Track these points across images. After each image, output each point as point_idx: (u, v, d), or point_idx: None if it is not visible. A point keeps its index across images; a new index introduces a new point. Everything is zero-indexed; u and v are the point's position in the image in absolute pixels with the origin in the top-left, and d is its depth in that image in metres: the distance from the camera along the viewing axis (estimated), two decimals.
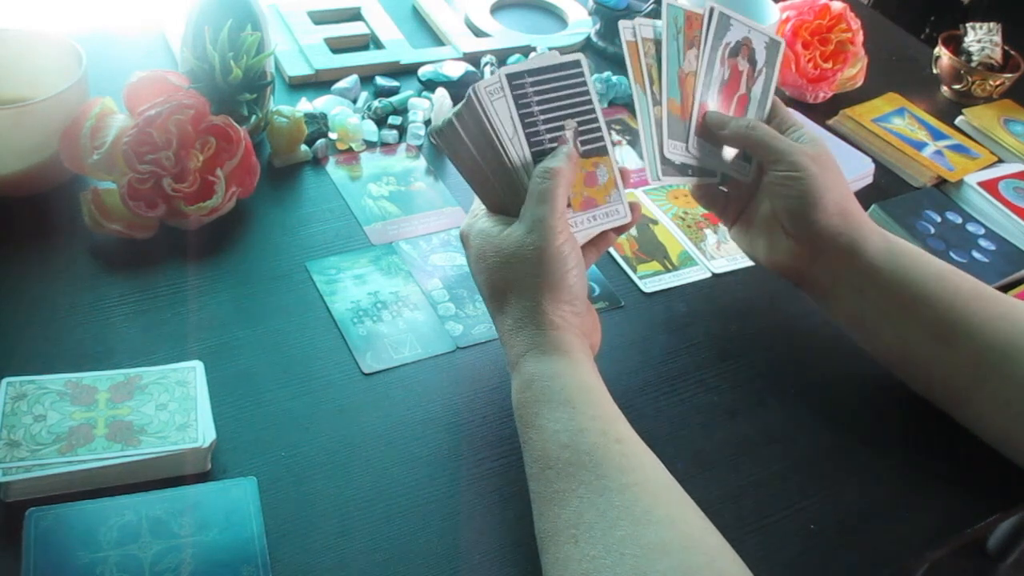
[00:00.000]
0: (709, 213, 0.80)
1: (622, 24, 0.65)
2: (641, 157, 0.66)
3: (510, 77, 0.59)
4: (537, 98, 0.60)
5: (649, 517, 0.47)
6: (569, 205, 0.60)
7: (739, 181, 0.70)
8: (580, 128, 0.62)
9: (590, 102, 0.62)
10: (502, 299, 0.58)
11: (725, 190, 0.72)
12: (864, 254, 0.64)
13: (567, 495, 0.49)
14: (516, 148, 0.59)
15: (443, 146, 0.61)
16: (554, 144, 0.60)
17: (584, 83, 0.62)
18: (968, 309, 0.62)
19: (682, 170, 0.68)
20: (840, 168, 0.66)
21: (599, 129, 0.63)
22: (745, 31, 0.69)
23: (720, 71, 0.68)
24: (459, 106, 0.59)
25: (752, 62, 0.69)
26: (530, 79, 0.60)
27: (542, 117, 0.60)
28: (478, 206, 0.63)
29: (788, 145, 0.65)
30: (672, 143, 0.67)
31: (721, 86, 0.69)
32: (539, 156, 0.60)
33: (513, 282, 0.57)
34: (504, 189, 0.60)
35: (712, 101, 0.68)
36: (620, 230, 0.64)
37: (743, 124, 0.67)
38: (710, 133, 0.68)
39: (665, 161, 0.67)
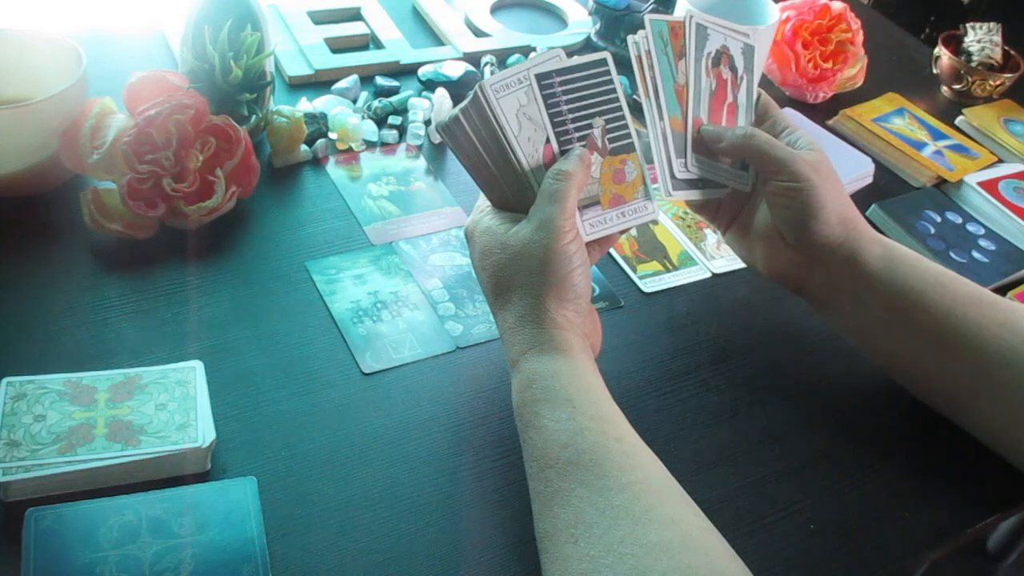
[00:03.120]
0: None
1: (631, 40, 0.64)
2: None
3: (539, 76, 0.60)
4: (565, 97, 0.61)
5: (649, 517, 0.47)
6: (598, 203, 0.61)
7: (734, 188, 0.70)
8: (608, 126, 0.62)
9: (617, 100, 0.62)
10: (505, 296, 0.58)
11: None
12: (863, 263, 0.64)
13: (567, 494, 0.49)
14: (522, 145, 0.59)
15: (448, 142, 0.62)
16: (583, 144, 0.61)
17: (611, 81, 0.62)
18: (967, 317, 0.62)
19: (692, 184, 0.67)
20: (837, 173, 0.66)
21: (627, 127, 0.63)
22: (722, 39, 0.68)
23: (707, 82, 0.67)
24: (465, 102, 0.59)
25: (733, 69, 0.68)
26: (559, 78, 0.60)
27: (570, 116, 0.61)
28: (483, 202, 0.63)
29: (788, 154, 0.63)
30: (678, 160, 0.66)
31: (710, 97, 0.68)
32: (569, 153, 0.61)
33: (517, 279, 0.57)
34: (510, 186, 0.61)
35: (704, 113, 0.67)
36: None
37: (740, 134, 0.65)
38: (707, 147, 0.67)
39: (674, 177, 0.66)
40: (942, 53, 1.08)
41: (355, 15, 1.02)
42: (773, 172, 0.64)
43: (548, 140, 0.60)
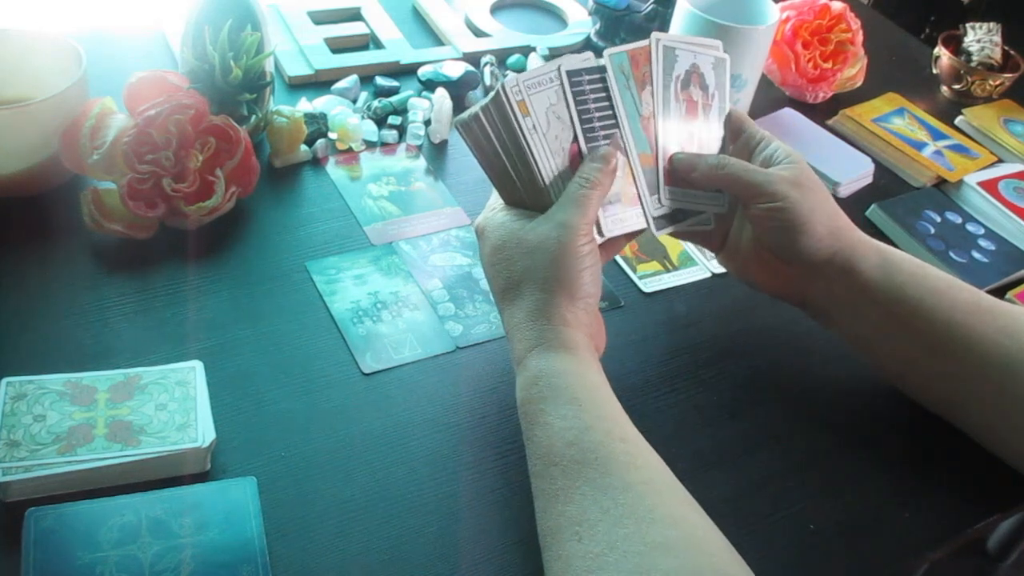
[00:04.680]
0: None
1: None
2: None
3: (570, 73, 0.60)
4: (593, 96, 0.61)
5: (653, 516, 0.47)
6: (619, 201, 0.62)
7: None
8: None
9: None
10: (515, 291, 0.58)
11: None
12: (860, 272, 0.64)
13: (571, 492, 0.49)
14: (549, 143, 0.59)
15: (466, 137, 0.62)
16: (607, 142, 0.61)
17: None
18: (967, 324, 0.62)
19: (672, 218, 0.66)
20: (820, 181, 0.64)
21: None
22: (691, 57, 0.65)
23: (676, 107, 0.65)
24: (486, 100, 0.59)
25: (704, 88, 0.66)
26: (587, 76, 0.61)
27: (597, 115, 0.61)
28: (496, 200, 0.63)
29: (764, 176, 0.62)
30: (652, 198, 0.65)
31: (680, 123, 0.65)
32: (595, 151, 0.61)
33: (530, 274, 0.58)
34: (524, 185, 0.61)
35: (675, 141, 0.65)
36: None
37: (712, 163, 0.64)
38: (680, 176, 0.65)
39: (654, 216, 0.65)
40: (942, 53, 1.08)
41: (355, 15, 1.02)
42: (752, 197, 0.63)
43: (575, 138, 0.60)
